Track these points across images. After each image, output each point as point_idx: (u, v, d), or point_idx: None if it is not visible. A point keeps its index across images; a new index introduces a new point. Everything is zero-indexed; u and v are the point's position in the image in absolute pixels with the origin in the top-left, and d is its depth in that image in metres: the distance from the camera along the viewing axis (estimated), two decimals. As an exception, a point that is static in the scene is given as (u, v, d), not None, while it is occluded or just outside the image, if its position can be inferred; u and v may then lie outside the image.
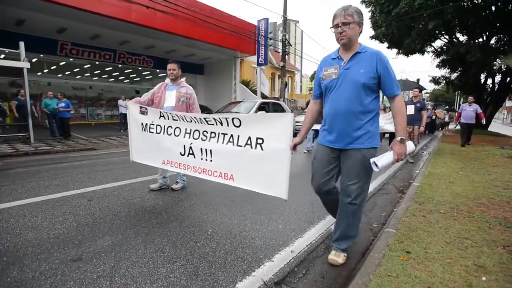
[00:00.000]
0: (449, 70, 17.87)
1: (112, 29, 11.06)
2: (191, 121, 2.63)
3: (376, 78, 1.83)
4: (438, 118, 18.37)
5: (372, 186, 4.30)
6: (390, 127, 7.52)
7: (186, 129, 2.68)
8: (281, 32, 16.64)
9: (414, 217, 2.81)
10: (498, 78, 16.46)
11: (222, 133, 2.37)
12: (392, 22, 14.08)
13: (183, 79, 3.70)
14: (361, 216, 2.18)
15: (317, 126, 8.13)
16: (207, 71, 18.68)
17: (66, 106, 9.31)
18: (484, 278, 1.77)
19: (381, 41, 16.54)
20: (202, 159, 2.53)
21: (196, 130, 2.59)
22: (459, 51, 13.53)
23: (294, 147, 2.10)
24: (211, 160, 2.47)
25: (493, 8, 12.90)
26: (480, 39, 14.59)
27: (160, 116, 2.90)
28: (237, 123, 2.25)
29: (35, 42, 10.91)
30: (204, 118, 2.51)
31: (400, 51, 17.00)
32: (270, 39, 17.77)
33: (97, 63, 14.51)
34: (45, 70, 15.04)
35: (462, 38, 15.64)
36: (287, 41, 15.80)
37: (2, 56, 11.45)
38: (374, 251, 2.11)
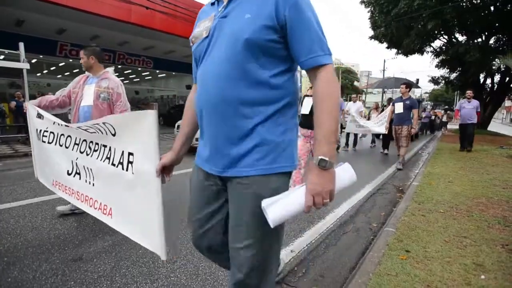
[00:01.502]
0: (448, 70, 17.90)
1: (111, 30, 11.08)
2: (77, 129, 1.90)
3: (277, 30, 0.91)
4: (438, 118, 18.37)
5: (371, 186, 4.31)
6: (380, 129, 7.09)
7: (76, 138, 1.92)
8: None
9: (413, 216, 2.82)
10: (497, 78, 16.50)
11: (103, 145, 1.63)
12: (391, 22, 14.11)
13: (108, 69, 2.88)
14: None
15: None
16: (206, 71, 18.67)
17: None
18: (483, 277, 1.78)
19: (380, 41, 16.58)
20: (86, 181, 1.81)
21: (84, 140, 1.81)
22: (458, 51, 13.56)
23: (164, 172, 1.23)
24: (93, 184, 1.74)
25: (492, 8, 12.93)
26: (479, 39, 14.63)
27: (54, 122, 2.22)
28: (112, 130, 1.48)
29: (34, 43, 10.90)
30: (80, 127, 1.80)
31: (400, 51, 17.05)
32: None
33: (96, 63, 14.51)
34: (45, 71, 15.05)
35: (461, 38, 15.68)
36: (286, 42, 15.82)
37: (2, 57, 11.45)
38: (374, 250, 2.12)
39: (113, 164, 1.50)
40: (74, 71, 15.74)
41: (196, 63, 1.13)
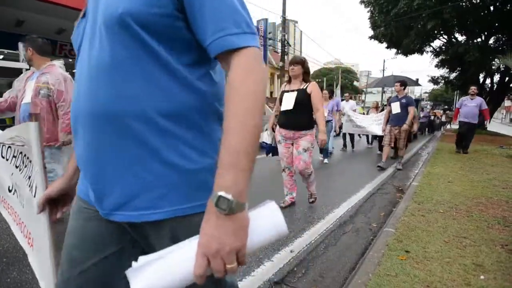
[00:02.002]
0: (448, 70, 17.93)
1: (111, 30, 11.10)
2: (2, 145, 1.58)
3: (173, 1, 0.57)
4: (438, 118, 18.40)
5: (371, 186, 4.31)
6: (377, 130, 6.91)
7: (14, 150, 1.51)
8: (280, 32, 16.69)
9: (413, 216, 2.82)
10: (496, 77, 16.53)
11: (30, 160, 1.24)
12: (391, 22, 14.14)
13: (54, 62, 2.48)
14: None
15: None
16: (206, 71, 18.69)
17: None
18: (482, 277, 1.79)
19: (380, 41, 16.61)
20: (20, 202, 1.45)
21: (21, 152, 1.42)
22: (457, 51, 13.59)
23: (52, 206, 0.92)
24: (23, 206, 1.39)
25: (492, 8, 12.95)
26: (479, 39, 14.65)
27: None
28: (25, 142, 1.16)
29: (34, 43, 10.91)
30: (4, 143, 1.46)
31: (399, 51, 17.09)
32: (269, 39, 17.79)
33: (96, 63, 14.53)
34: (44, 71, 15.06)
35: (460, 38, 15.72)
36: (286, 41, 15.84)
37: (1, 56, 11.46)
38: (373, 251, 2.13)
39: (29, 186, 1.17)
40: (74, 70, 15.74)
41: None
